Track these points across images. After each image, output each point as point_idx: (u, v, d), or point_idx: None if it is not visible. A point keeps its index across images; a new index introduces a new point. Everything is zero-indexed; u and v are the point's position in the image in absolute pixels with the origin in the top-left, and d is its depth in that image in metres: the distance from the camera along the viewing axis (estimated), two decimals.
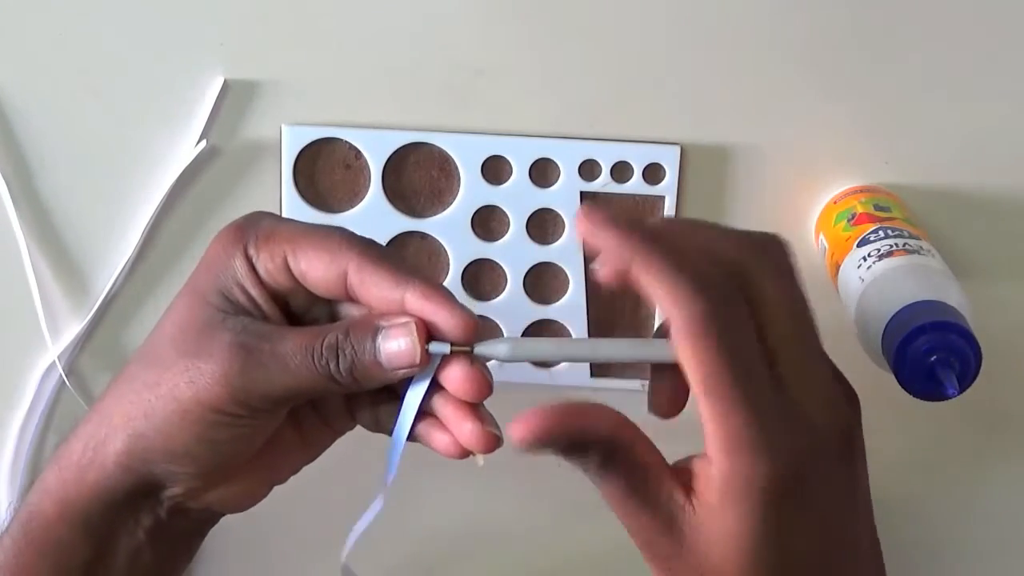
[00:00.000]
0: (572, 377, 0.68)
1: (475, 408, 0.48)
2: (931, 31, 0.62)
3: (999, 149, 0.63)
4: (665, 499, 0.44)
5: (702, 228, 0.45)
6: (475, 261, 0.66)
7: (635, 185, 0.64)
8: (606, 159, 0.64)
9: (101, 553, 0.50)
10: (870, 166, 0.64)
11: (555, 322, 0.67)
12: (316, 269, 0.48)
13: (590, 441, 0.44)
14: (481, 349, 0.46)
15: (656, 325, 0.67)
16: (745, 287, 0.43)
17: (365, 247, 0.48)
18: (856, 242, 0.59)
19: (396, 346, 0.46)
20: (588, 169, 0.64)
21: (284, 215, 0.65)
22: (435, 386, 0.48)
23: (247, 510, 0.52)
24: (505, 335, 0.67)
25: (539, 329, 0.67)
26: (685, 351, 0.42)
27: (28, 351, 0.68)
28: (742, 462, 0.41)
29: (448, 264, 0.66)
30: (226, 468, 0.49)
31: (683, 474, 0.44)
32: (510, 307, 0.67)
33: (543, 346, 0.47)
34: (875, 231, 0.58)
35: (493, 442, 0.48)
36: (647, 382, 0.67)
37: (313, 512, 0.72)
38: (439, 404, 0.48)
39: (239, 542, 0.72)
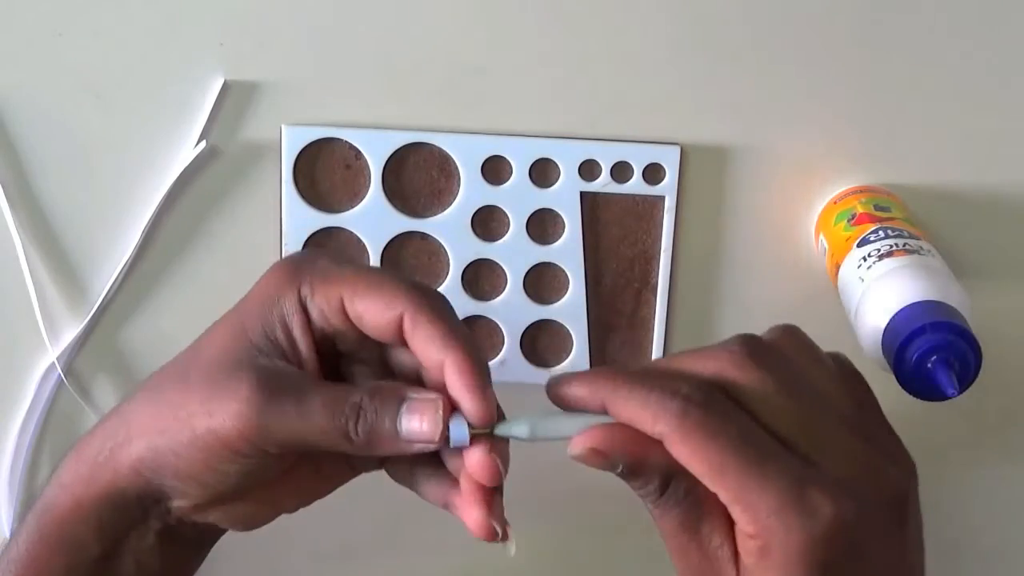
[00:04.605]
0: None
1: (488, 493, 0.48)
2: (931, 31, 0.62)
3: (999, 149, 0.63)
4: (716, 545, 0.45)
5: (675, 358, 0.46)
6: (475, 261, 0.66)
7: (635, 185, 0.64)
8: (606, 159, 0.64)
9: (110, 552, 0.50)
10: (870, 166, 0.64)
11: (555, 322, 0.67)
12: (372, 313, 0.47)
13: (652, 466, 0.45)
14: (502, 431, 0.47)
15: (656, 326, 0.67)
16: (730, 391, 0.44)
17: (421, 295, 0.48)
18: (856, 242, 0.59)
19: (418, 423, 0.46)
20: (588, 169, 0.64)
21: (284, 215, 0.65)
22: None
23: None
24: (505, 335, 0.67)
25: (539, 329, 0.67)
26: (683, 455, 0.43)
27: (27, 352, 0.68)
28: (776, 530, 0.42)
29: (448, 264, 0.66)
30: (232, 494, 0.49)
31: (732, 527, 0.45)
32: (510, 307, 0.67)
33: (564, 423, 0.47)
34: (875, 231, 0.58)
35: (491, 535, 0.48)
36: None
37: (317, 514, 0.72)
38: (463, 481, 0.48)
39: (238, 542, 0.72)
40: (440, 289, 0.66)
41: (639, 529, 0.50)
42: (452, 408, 0.46)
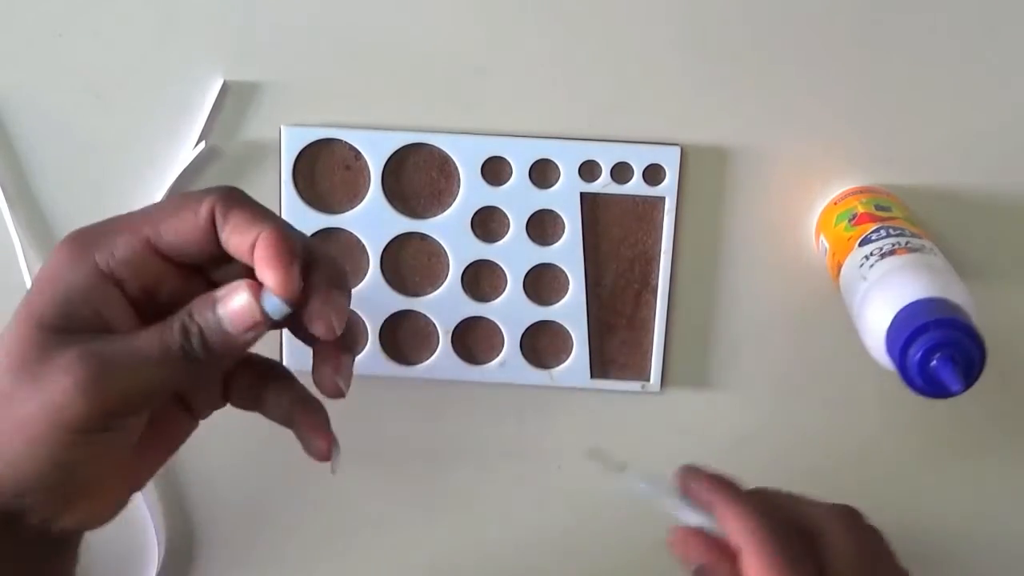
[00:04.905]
0: (572, 378, 0.68)
1: (323, 418, 0.51)
2: (931, 31, 0.62)
3: (999, 149, 0.63)
4: None
5: (784, 495, 0.52)
6: (475, 262, 0.66)
7: (635, 186, 0.64)
8: (606, 160, 0.64)
9: None
10: (870, 166, 0.64)
11: (555, 323, 0.67)
12: (184, 231, 0.47)
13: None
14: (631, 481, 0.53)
15: (656, 326, 0.66)
16: (814, 543, 0.50)
17: (222, 191, 0.47)
18: (858, 241, 0.59)
19: (235, 307, 0.46)
20: (588, 170, 0.64)
21: (284, 216, 0.65)
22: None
23: (109, 522, 0.50)
24: (505, 336, 0.67)
25: (539, 330, 0.67)
26: (751, 568, 0.48)
27: None
28: None
29: (448, 265, 0.66)
30: (84, 488, 0.48)
31: None
32: (510, 308, 0.67)
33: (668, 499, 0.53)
34: (877, 230, 0.58)
35: (325, 452, 0.51)
36: (646, 383, 0.67)
37: (311, 509, 0.72)
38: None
39: (238, 541, 0.72)
40: (440, 290, 0.66)
41: None
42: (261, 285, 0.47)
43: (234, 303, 0.46)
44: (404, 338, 0.68)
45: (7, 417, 0.45)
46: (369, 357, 0.67)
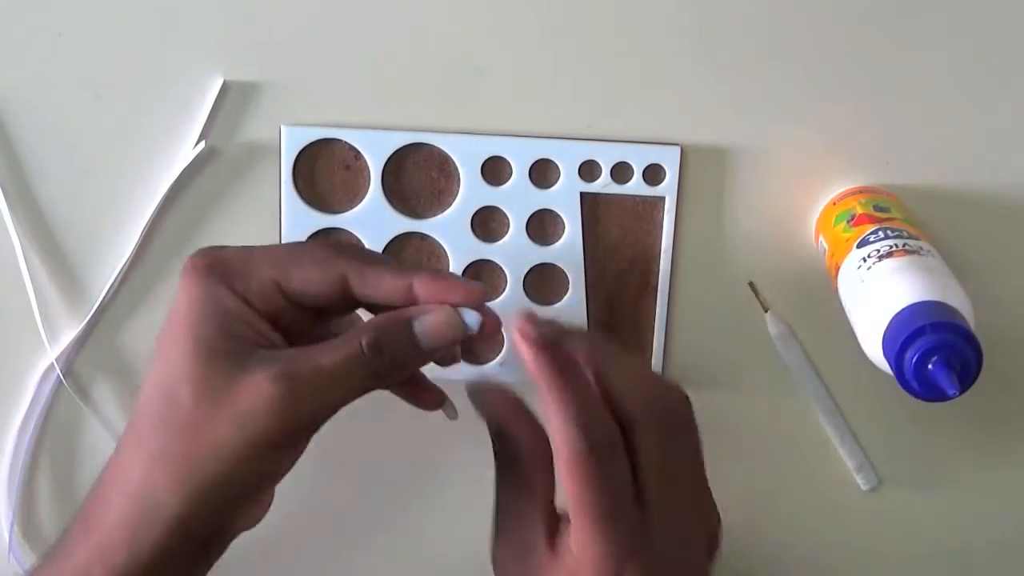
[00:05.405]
0: None
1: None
2: (931, 31, 0.62)
3: (999, 149, 0.63)
4: (528, 524, 0.49)
5: (613, 367, 0.50)
6: (475, 262, 0.66)
7: (635, 186, 0.64)
8: (606, 159, 0.64)
9: None
10: (870, 166, 0.64)
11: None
12: (313, 282, 0.50)
13: (507, 432, 0.50)
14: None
15: (656, 326, 0.66)
16: (629, 435, 0.48)
17: (355, 250, 0.51)
18: (856, 243, 0.59)
19: (436, 327, 0.50)
20: (588, 170, 0.64)
21: (283, 216, 0.65)
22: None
23: None
24: (505, 336, 0.67)
25: None
26: (565, 478, 0.47)
27: (26, 353, 0.68)
28: (591, 558, 0.47)
29: (448, 265, 0.66)
30: (268, 494, 0.52)
31: (554, 519, 0.49)
32: (510, 308, 0.67)
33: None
34: (875, 232, 0.58)
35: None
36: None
37: (311, 509, 0.72)
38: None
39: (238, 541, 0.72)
40: None
41: None
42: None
43: (433, 318, 0.51)
44: None
45: (203, 443, 0.48)
46: None
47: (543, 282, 0.67)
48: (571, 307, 0.66)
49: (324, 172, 0.65)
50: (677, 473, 0.49)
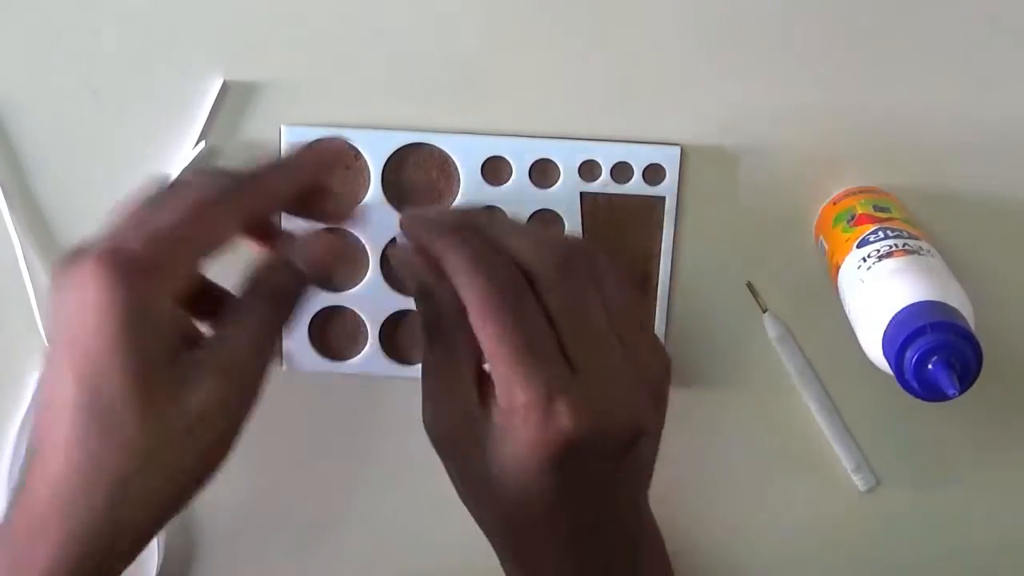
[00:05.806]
0: None
1: None
2: (931, 31, 0.62)
3: (999, 149, 0.63)
4: (458, 389, 0.50)
5: (514, 233, 0.51)
6: None
7: (635, 186, 0.64)
8: (606, 160, 0.64)
9: None
10: (870, 166, 0.64)
11: None
12: (220, 246, 0.49)
13: (429, 289, 0.52)
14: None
15: (656, 326, 0.66)
16: (533, 283, 0.49)
17: (230, 191, 0.50)
18: (856, 243, 0.59)
19: (313, 254, 0.53)
20: (588, 170, 0.64)
21: (283, 216, 0.65)
22: None
23: None
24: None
25: None
26: (479, 329, 0.48)
27: (26, 352, 0.68)
28: (518, 420, 0.47)
29: None
30: None
31: (486, 383, 0.50)
32: None
33: None
34: (875, 232, 0.58)
35: None
36: None
37: (311, 510, 0.72)
38: None
39: (237, 541, 0.72)
40: None
41: None
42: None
43: (308, 249, 0.52)
44: (404, 338, 0.68)
45: (158, 468, 0.47)
46: (369, 357, 0.67)
47: None
48: None
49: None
50: (591, 313, 0.49)
